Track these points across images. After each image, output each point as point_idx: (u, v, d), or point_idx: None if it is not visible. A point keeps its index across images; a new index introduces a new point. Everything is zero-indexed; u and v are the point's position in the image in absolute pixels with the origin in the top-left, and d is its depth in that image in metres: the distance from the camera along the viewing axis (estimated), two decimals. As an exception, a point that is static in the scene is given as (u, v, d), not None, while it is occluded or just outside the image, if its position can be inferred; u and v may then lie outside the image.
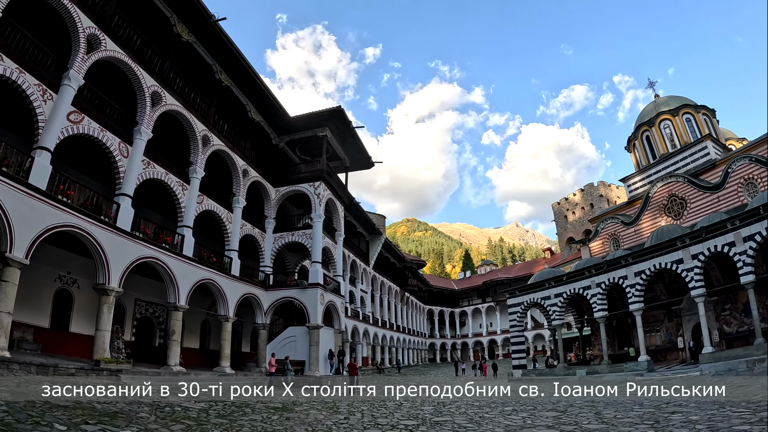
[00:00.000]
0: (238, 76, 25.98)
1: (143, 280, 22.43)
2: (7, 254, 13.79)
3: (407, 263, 62.17)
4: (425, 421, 9.78)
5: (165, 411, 9.27)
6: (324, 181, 30.11)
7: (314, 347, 26.47)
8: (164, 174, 21.53)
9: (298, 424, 9.23)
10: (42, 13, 17.23)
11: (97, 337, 17.04)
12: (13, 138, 16.95)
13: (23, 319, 17.62)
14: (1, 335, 13.28)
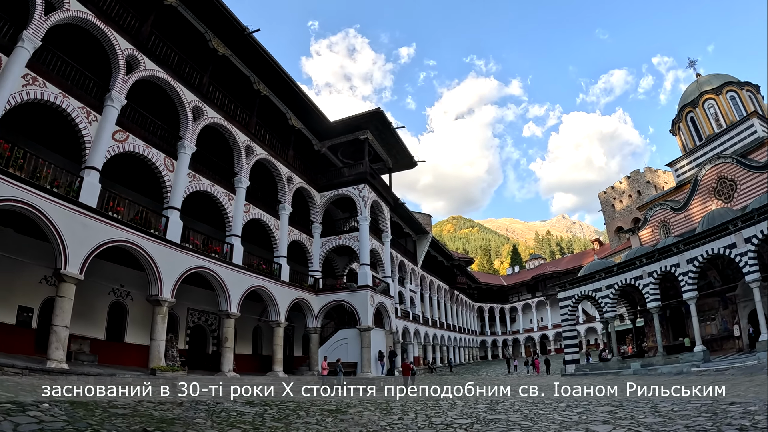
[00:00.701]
0: (276, 85, 26.12)
1: (195, 290, 22.81)
2: (62, 271, 14.36)
3: (455, 261, 61.56)
4: (479, 420, 9.67)
5: (221, 416, 9.34)
6: (368, 183, 29.94)
7: (365, 349, 26.29)
8: (210, 185, 21.83)
9: (352, 425, 9.21)
10: (81, 38, 17.66)
11: (152, 347, 17.57)
12: (61, 159, 17.45)
13: (80, 332, 18.31)
14: (59, 348, 13.89)
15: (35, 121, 17.35)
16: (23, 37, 14.32)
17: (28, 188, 13.76)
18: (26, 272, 17.52)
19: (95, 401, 9.21)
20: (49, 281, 17.99)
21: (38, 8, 14.86)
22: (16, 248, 16.41)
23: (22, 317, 17.81)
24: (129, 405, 9.36)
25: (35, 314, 18.16)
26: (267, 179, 26.93)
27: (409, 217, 44.25)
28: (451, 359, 51.15)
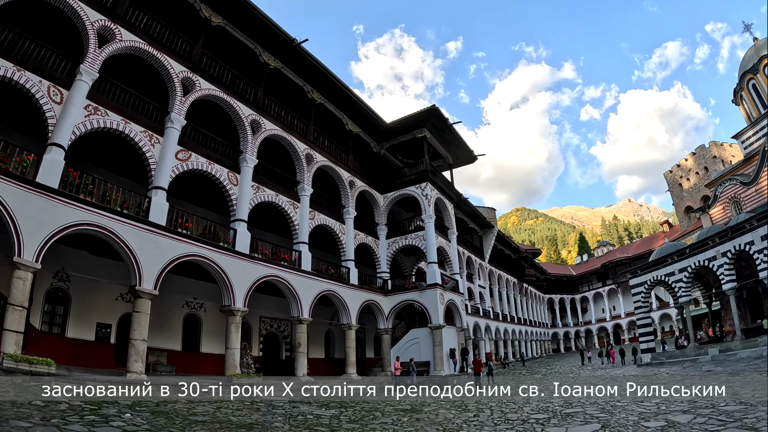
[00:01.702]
0: (330, 92, 26.09)
1: (266, 298, 22.94)
2: (137, 287, 15.12)
3: (522, 253, 60.27)
4: (556, 414, 9.55)
5: (297, 420, 9.44)
6: (430, 181, 29.50)
7: (438, 347, 25.88)
8: (274, 196, 22.14)
9: (428, 424, 9.24)
10: (136, 65, 18.31)
11: (227, 355, 17.99)
12: (128, 182, 18.07)
13: (157, 344, 18.86)
14: (138, 361, 14.66)
15: (101, 148, 17.97)
16: (81, 71, 15.12)
17: (100, 212, 14.53)
18: (103, 291, 18.26)
19: (176, 410, 9.46)
20: (125, 298, 18.76)
21: (92, 42, 15.68)
22: (91, 269, 17.19)
23: (101, 333, 18.61)
24: (208, 412, 9.60)
25: (113, 330, 18.97)
26: (329, 185, 27.03)
27: (473, 212, 43.54)
28: (523, 354, 49.96)
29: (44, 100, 14.39)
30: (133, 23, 17.42)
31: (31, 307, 13.77)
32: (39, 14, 16.26)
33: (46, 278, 16.70)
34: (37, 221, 12.99)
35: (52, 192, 13.51)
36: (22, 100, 14.67)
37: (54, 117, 14.47)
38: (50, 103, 14.50)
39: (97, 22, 16.07)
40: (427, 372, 25.20)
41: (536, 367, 37.79)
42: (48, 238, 13.15)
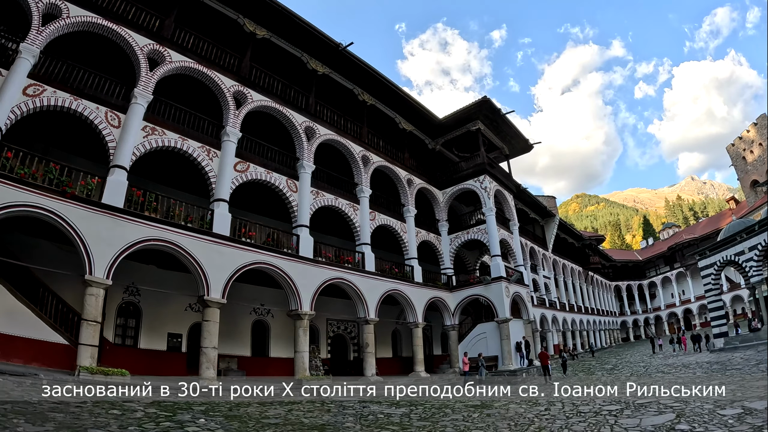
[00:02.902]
0: (380, 93, 25.82)
1: (332, 301, 22.90)
2: (205, 297, 15.58)
3: (585, 241, 58.22)
4: (629, 405, 9.43)
5: (368, 419, 9.52)
6: (487, 173, 28.76)
7: (505, 341, 25.12)
8: (333, 199, 22.14)
9: (499, 419, 9.29)
10: (189, 85, 18.77)
11: (296, 359, 18.28)
12: (191, 197, 18.33)
13: (227, 351, 19.34)
14: (210, 367, 15.07)
15: (161, 165, 18.45)
16: (135, 94, 15.78)
17: (165, 227, 15.11)
18: (172, 302, 18.84)
19: (248, 414, 9.66)
20: (194, 308, 19.30)
21: (143, 66, 16.33)
22: (160, 282, 17.83)
23: (172, 343, 19.21)
24: (280, 415, 9.72)
25: (184, 339, 19.55)
26: (388, 185, 26.81)
27: (533, 202, 42.46)
28: (592, 344, 48.12)
29: (103, 125, 15.03)
30: (181, 44, 17.98)
31: (104, 322, 14.51)
32: (90, 45, 16.78)
33: (117, 293, 17.34)
34: (106, 240, 13.55)
35: (118, 211, 14.11)
36: (82, 127, 15.29)
37: (114, 140, 15.07)
38: (109, 128, 15.13)
39: (146, 47, 16.71)
40: (495, 367, 24.53)
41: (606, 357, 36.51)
42: (117, 256, 13.70)
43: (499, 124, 30.44)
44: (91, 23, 15.71)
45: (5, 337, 12.66)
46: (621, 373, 22.24)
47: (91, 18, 15.65)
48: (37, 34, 14.13)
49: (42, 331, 13.34)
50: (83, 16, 15.49)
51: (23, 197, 12.42)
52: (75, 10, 15.30)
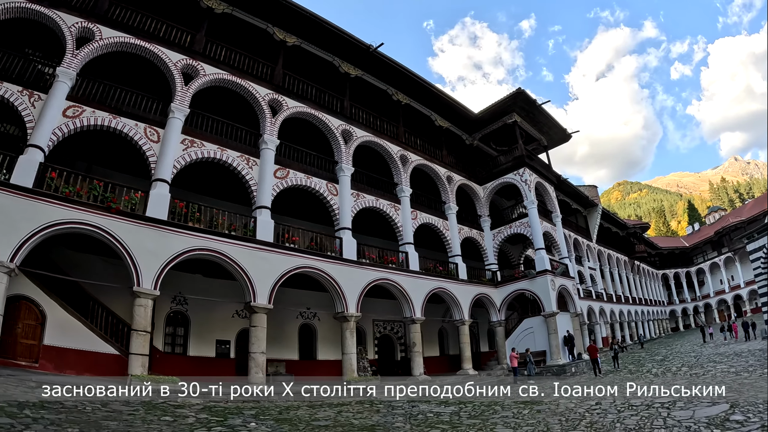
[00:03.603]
0: (414, 92, 25.53)
1: (377, 301, 22.67)
2: (252, 303, 15.71)
3: (630, 229, 56.56)
4: (681, 397, 9.24)
5: (418, 419, 9.58)
6: (527, 166, 28.15)
7: (553, 335, 24.43)
8: (374, 200, 22.01)
9: (549, 415, 9.21)
10: (225, 96, 18.95)
11: (344, 360, 18.24)
12: (233, 206, 18.66)
13: (275, 355, 19.33)
14: (259, 372, 15.28)
15: (202, 176, 18.59)
16: (172, 109, 16.15)
17: (209, 236, 15.34)
18: (219, 310, 19.05)
19: (298, 417, 9.83)
20: (240, 314, 19.44)
21: (178, 81, 16.66)
22: (207, 290, 18.16)
23: (221, 349, 19.48)
24: (330, 417, 9.84)
25: (232, 345, 19.76)
26: (428, 183, 26.45)
27: (575, 193, 41.46)
28: (641, 335, 46.57)
29: (143, 141, 15.41)
30: (213, 57, 18.23)
31: (153, 331, 14.75)
32: (125, 64, 17.11)
33: (165, 303, 17.65)
34: (152, 252, 13.86)
35: (162, 223, 14.41)
36: (122, 144, 15.69)
37: (154, 155, 15.43)
38: (149, 143, 15.51)
39: (180, 62, 17.06)
40: (543, 362, 23.87)
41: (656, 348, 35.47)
42: (163, 267, 14.00)
43: (536, 115, 29.71)
44: (124, 43, 16.17)
45: (58, 349, 12.99)
46: (671, 364, 21.81)
47: (123, 38, 16.10)
48: (72, 58, 14.61)
49: (93, 343, 13.60)
50: (115, 37, 15.94)
51: (70, 215, 12.79)
52: (107, 32, 15.77)
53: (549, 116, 30.41)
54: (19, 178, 12.41)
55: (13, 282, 12.08)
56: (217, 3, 18.50)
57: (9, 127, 16.41)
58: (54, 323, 13.09)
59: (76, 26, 15.14)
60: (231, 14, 19.01)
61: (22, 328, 12.81)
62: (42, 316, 13.08)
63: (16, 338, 12.60)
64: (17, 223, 11.99)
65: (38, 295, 13.08)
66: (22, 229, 12.02)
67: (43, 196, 12.58)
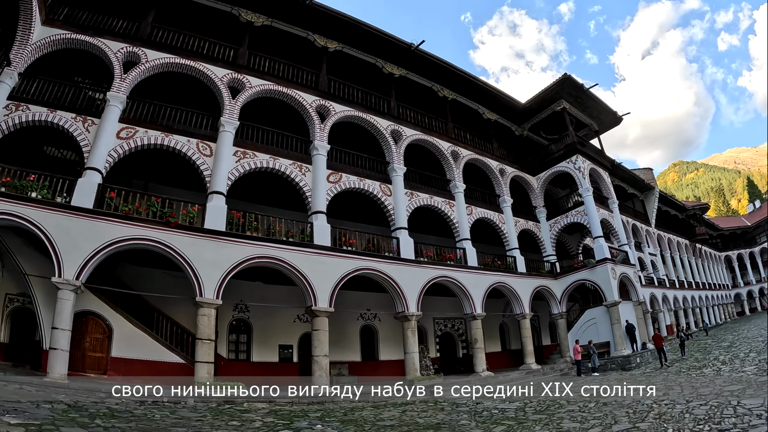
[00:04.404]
0: (459, 86, 25.00)
1: (437, 299, 22.17)
2: (313, 307, 15.78)
3: (689, 211, 54.08)
4: (750, 384, 9.07)
5: (483, 415, 9.44)
6: (579, 153, 27.08)
7: (616, 325, 23.35)
8: (428, 198, 21.66)
9: (616, 407, 9.05)
10: (273, 106, 19.11)
11: (406, 360, 18.01)
12: (289, 213, 18.64)
13: (338, 357, 19.42)
14: (322, 375, 15.31)
15: (256, 186, 18.79)
16: (222, 123, 16.38)
17: (267, 244, 15.49)
18: (280, 315, 19.38)
19: (363, 417, 9.84)
20: (302, 319, 19.67)
21: (225, 95, 16.91)
22: (267, 297, 18.37)
23: (284, 354, 19.71)
24: (395, 417, 9.80)
25: (294, 349, 19.97)
26: (480, 177, 25.82)
27: (630, 177, 39.74)
28: (705, 322, 44.31)
29: (196, 156, 15.73)
30: (258, 69, 18.33)
31: (217, 339, 14.91)
32: (173, 83, 17.52)
33: (227, 311, 17.96)
34: (212, 262, 14.15)
35: (221, 234, 14.67)
36: (176, 160, 16.12)
37: (208, 168, 15.72)
38: (202, 158, 15.80)
39: (225, 77, 17.30)
40: (607, 353, 22.97)
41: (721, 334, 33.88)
42: (224, 276, 14.25)
43: (584, 100, 28.59)
44: (170, 63, 16.58)
45: (125, 360, 13.63)
46: (739, 350, 20.93)
47: (168, 59, 16.52)
48: (120, 82, 15.17)
49: (159, 353, 14.15)
50: (161, 58, 16.40)
51: (130, 231, 13.27)
52: (152, 54, 16.27)
53: (598, 100, 29.24)
54: (80, 199, 12.97)
55: (80, 298, 12.62)
56: (256, 16, 18.71)
57: (66, 152, 17.20)
58: (120, 336, 13.76)
59: (121, 51, 15.69)
60: (271, 26, 19.12)
61: (90, 341, 13.48)
62: (109, 330, 13.78)
63: (85, 351, 13.25)
64: (80, 243, 12.47)
65: (104, 310, 13.80)
66: (86, 248, 12.48)
67: (104, 215, 13.08)
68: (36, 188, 12.55)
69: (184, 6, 17.80)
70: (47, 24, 15.05)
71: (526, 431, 7.70)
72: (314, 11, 19.09)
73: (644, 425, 7.37)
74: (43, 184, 12.71)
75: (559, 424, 7.90)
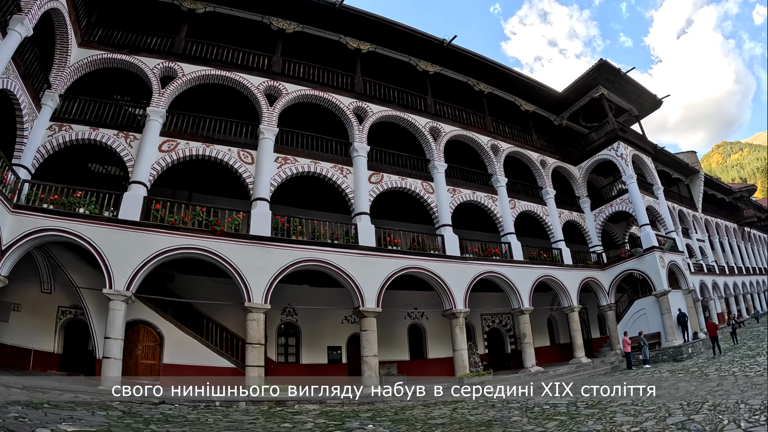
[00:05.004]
0: (494, 79, 24.49)
1: (483, 295, 21.81)
2: (361, 308, 15.73)
3: (735, 194, 51.56)
4: None
5: (534, 411, 9.33)
6: (620, 139, 26.20)
7: (666, 315, 22.43)
8: (471, 194, 21.28)
9: (670, 399, 8.95)
10: (309, 110, 19.24)
11: (455, 357, 17.76)
12: (333, 215, 18.77)
13: (386, 357, 19.44)
14: (372, 375, 15.32)
15: (299, 190, 18.68)
16: (261, 131, 16.55)
17: (312, 247, 15.57)
18: (328, 317, 19.30)
19: (414, 416, 9.78)
20: (349, 320, 19.64)
21: (262, 103, 17.08)
22: (314, 300, 18.47)
23: (332, 355, 19.80)
24: (446, 415, 9.67)
25: (343, 350, 20.03)
26: (521, 170, 25.20)
27: (674, 161, 38.36)
28: (756, 308, 42.29)
29: (238, 164, 15.90)
30: (293, 75, 18.51)
31: (266, 343, 14.88)
32: (211, 94, 17.88)
33: (275, 315, 18.01)
34: (259, 268, 14.26)
35: (266, 240, 14.82)
36: (218, 170, 16.43)
37: (251, 176, 15.87)
38: (244, 165, 15.96)
39: (262, 85, 17.52)
40: (658, 344, 22.12)
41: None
42: (271, 281, 14.38)
43: (622, 85, 27.60)
44: (206, 75, 16.91)
45: (177, 367, 13.78)
46: None
47: (204, 71, 16.87)
48: (159, 97, 15.61)
49: (209, 358, 14.32)
50: (197, 71, 16.75)
51: (177, 241, 13.57)
52: (188, 67, 16.64)
53: (636, 84, 28.15)
54: (127, 212, 13.34)
55: (131, 308, 12.97)
56: (287, 23, 18.83)
57: (110, 168, 17.89)
58: (171, 343, 14.03)
59: (158, 67, 16.14)
60: (302, 32, 19.20)
61: (142, 349, 13.82)
62: (160, 337, 14.06)
63: (137, 359, 13.60)
64: (129, 255, 12.81)
65: (155, 319, 14.09)
66: (134, 260, 12.82)
67: (151, 226, 13.43)
68: (83, 204, 12.96)
69: (216, 18, 18.16)
70: (83, 46, 15.77)
71: (579, 426, 7.47)
72: (345, 14, 19.04)
73: (699, 417, 7.08)
74: (90, 200, 13.13)
75: (612, 418, 7.70)
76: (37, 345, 14.37)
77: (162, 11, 17.60)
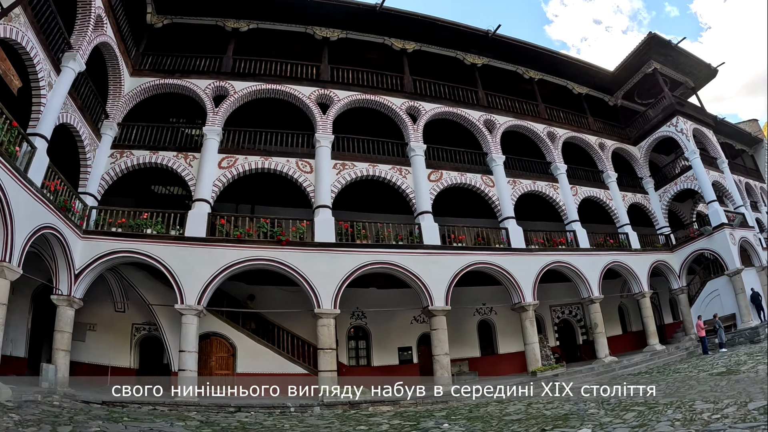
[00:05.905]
0: (543, 65, 23.59)
1: (551, 286, 20.90)
2: (430, 307, 15.46)
3: (802, 161, 49.13)
4: None
5: (611, 402, 9.11)
6: (679, 114, 24.73)
7: (740, 295, 20.97)
8: (531, 184, 20.56)
9: (749, 384, 8.76)
10: (361, 115, 19.09)
11: (527, 351, 17.26)
12: (395, 217, 18.31)
13: (457, 355, 18.83)
14: (444, 374, 15.08)
15: (359, 194, 18.57)
16: (317, 139, 16.64)
17: (377, 250, 15.47)
18: (396, 318, 19.18)
19: (489, 413, 9.61)
20: (418, 320, 19.37)
21: (315, 112, 17.17)
22: (382, 302, 18.39)
23: (403, 356, 19.68)
24: (520, 410, 9.49)
25: (414, 350, 19.81)
26: (579, 155, 24.14)
27: (735, 132, 36.00)
28: (833, 286, 39.59)
29: (297, 174, 16.03)
30: (342, 81, 18.44)
31: (338, 348, 14.93)
32: (265, 109, 18.09)
33: (345, 320, 18.09)
34: (326, 274, 14.28)
35: (332, 246, 14.83)
36: (278, 181, 16.68)
37: (311, 184, 15.92)
38: (303, 175, 16.05)
39: (313, 94, 17.57)
40: (734, 326, 20.76)
41: None
42: (339, 286, 14.35)
43: (674, 57, 25.95)
44: (257, 90, 17.14)
45: (250, 375, 13.79)
46: None
47: (255, 86, 17.09)
48: (213, 116, 15.97)
49: (282, 365, 14.43)
50: (248, 87, 17.01)
51: (244, 253, 13.73)
52: (239, 84, 16.94)
53: (689, 54, 26.56)
54: (192, 230, 13.67)
55: (203, 321, 13.36)
56: (330, 31, 18.88)
57: (172, 188, 18.39)
58: (244, 352, 14.29)
59: (209, 87, 16.57)
60: (347, 38, 19.15)
61: (216, 360, 14.16)
62: (232, 348, 14.35)
63: (212, 370, 13.93)
64: (198, 270, 13.11)
65: (226, 330, 14.39)
66: (203, 274, 13.12)
67: (217, 241, 13.70)
68: (150, 225, 13.41)
69: (260, 34, 18.49)
70: (135, 74, 16.47)
71: (658, 415, 7.03)
72: (386, 16, 18.88)
73: (783, 401, 6.61)
74: (156, 220, 13.56)
75: (692, 406, 7.29)
76: (113, 362, 15.02)
77: (207, 33, 18.10)
